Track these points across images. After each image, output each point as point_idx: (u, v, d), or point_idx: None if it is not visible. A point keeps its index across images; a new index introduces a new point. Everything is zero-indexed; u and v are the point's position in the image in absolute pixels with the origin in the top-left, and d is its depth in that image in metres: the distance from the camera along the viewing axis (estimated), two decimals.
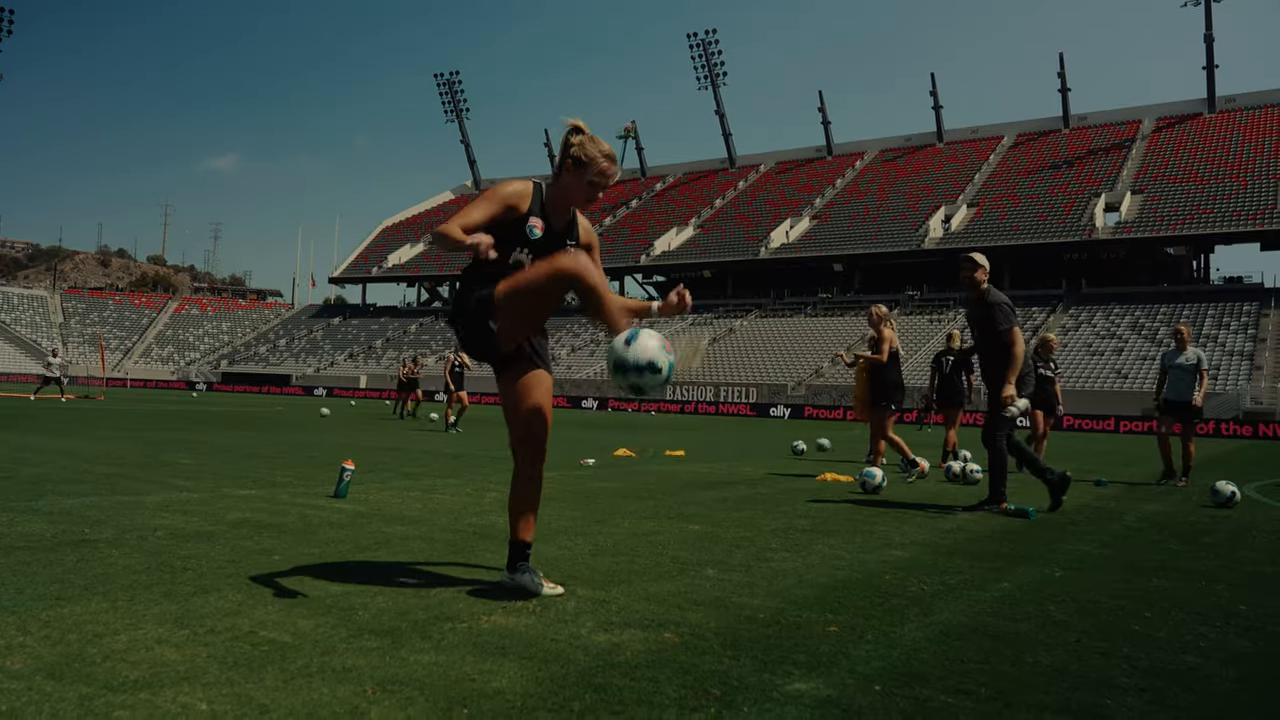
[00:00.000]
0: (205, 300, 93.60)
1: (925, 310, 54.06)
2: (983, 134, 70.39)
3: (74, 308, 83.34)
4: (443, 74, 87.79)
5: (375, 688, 2.18)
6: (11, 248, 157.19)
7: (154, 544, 3.91)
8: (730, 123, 78.22)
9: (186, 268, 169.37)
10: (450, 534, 4.52)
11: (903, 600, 3.39)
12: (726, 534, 4.87)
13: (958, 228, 56.73)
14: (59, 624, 2.60)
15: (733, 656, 2.55)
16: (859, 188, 67.74)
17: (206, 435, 11.99)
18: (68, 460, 7.59)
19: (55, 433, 11.19)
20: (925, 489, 8.05)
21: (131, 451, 8.77)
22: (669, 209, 74.16)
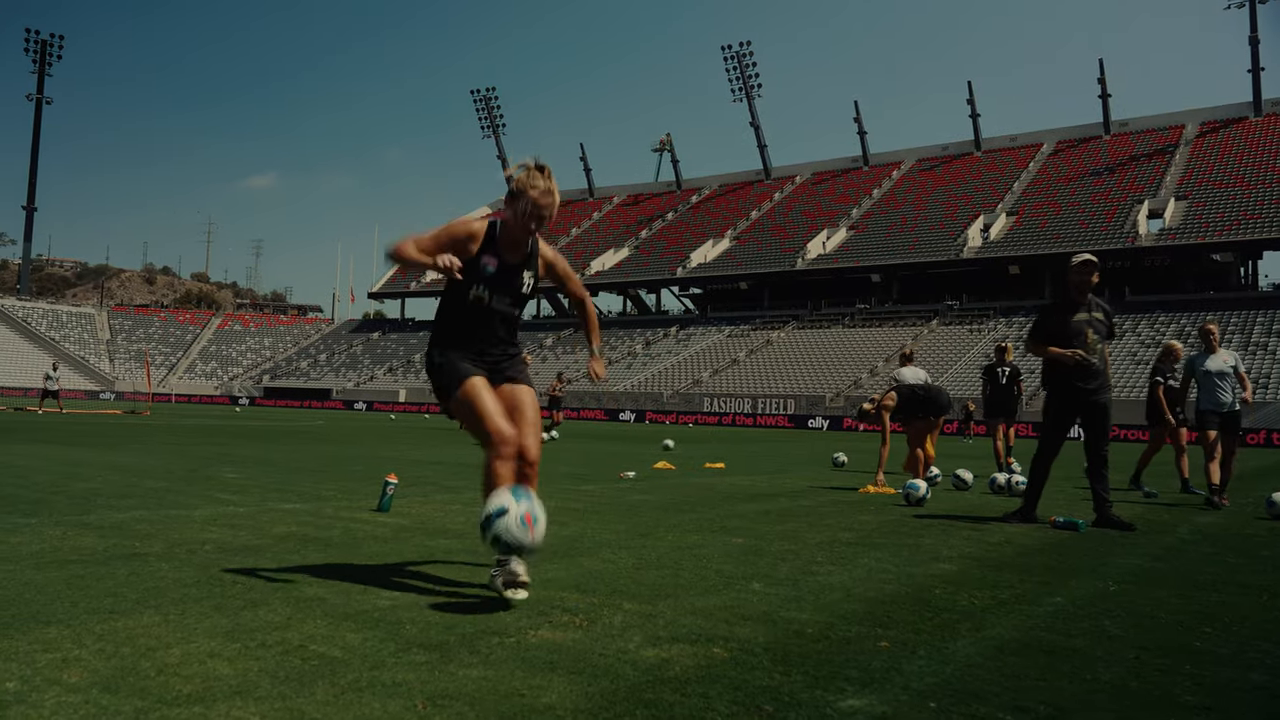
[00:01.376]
0: (247, 316, 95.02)
1: (964, 320, 53.49)
2: (1021, 141, 69.66)
3: (120, 324, 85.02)
4: (479, 90, 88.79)
5: (425, 703, 2.17)
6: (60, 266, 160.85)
7: (203, 558, 3.95)
8: (765, 134, 78.13)
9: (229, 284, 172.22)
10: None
11: (953, 615, 3.33)
12: (771, 547, 4.82)
13: (997, 236, 56.14)
14: (113, 637, 2.63)
15: (783, 672, 2.52)
16: (896, 197, 67.30)
17: (250, 450, 12.14)
18: (117, 475, 7.72)
19: (104, 447, 11.39)
20: (970, 501, 7.94)
21: (178, 466, 8.90)
22: (705, 221, 74.13)
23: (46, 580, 3.37)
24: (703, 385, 51.10)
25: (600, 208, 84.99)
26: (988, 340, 48.82)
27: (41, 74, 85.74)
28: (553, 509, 6.22)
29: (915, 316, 56.33)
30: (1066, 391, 6.51)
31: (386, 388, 62.16)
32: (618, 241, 75.27)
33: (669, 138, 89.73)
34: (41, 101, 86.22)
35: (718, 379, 52.56)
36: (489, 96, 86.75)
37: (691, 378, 52.76)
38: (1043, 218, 56.10)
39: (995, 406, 11.33)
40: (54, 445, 11.52)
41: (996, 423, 11.26)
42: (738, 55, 75.64)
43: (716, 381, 52.06)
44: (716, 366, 54.62)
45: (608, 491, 7.79)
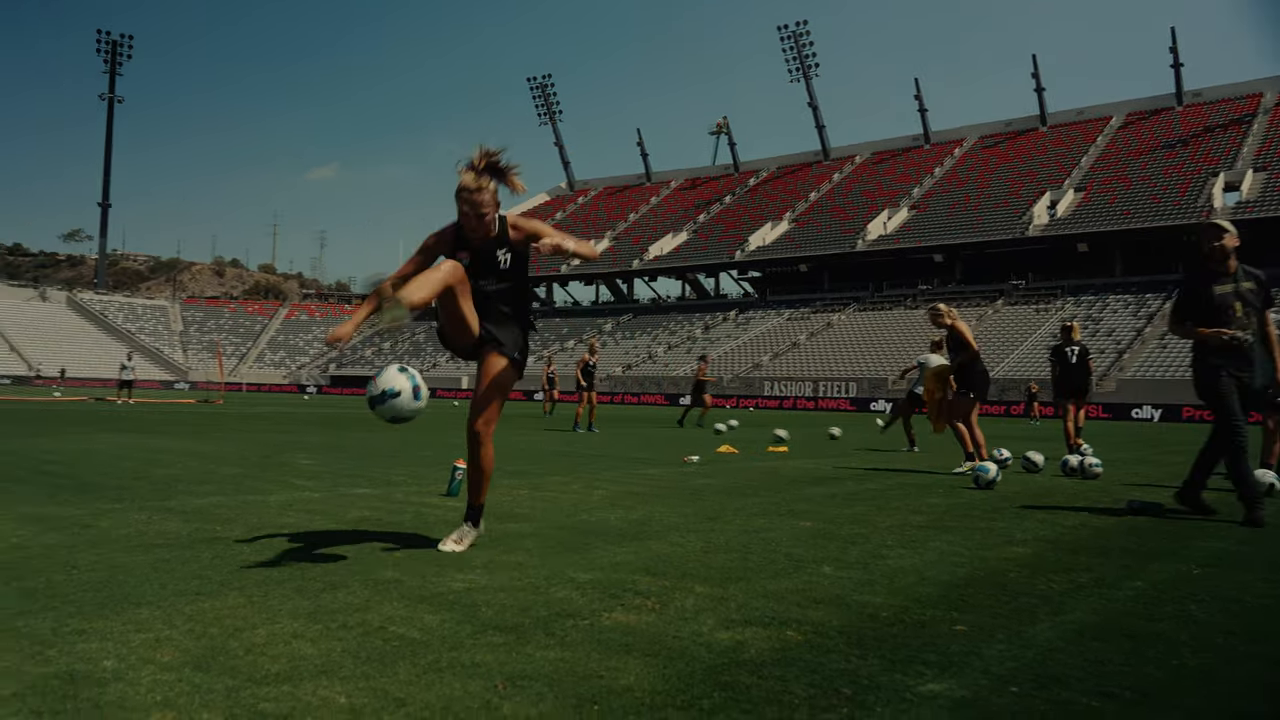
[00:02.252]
0: (313, 306, 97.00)
1: (1031, 300, 52.37)
2: (1089, 115, 67.75)
3: (192, 316, 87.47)
4: (535, 77, 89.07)
5: (505, 683, 2.20)
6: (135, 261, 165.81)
7: (282, 541, 4.05)
8: (823, 114, 77.26)
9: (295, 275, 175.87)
10: (562, 531, 4.56)
11: (1031, 599, 3.27)
12: (840, 531, 4.79)
13: (1064, 213, 54.77)
14: (201, 618, 2.71)
15: (860, 656, 2.50)
16: (958, 175, 66.04)
17: (321, 437, 12.41)
18: (195, 462, 7.95)
19: (181, 436, 11.74)
20: (1041, 483, 7.78)
21: (252, 453, 9.13)
22: (763, 204, 73.61)
23: (135, 563, 3.49)
24: (763, 369, 50.86)
25: (658, 192, 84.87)
26: (1055, 320, 47.72)
27: (113, 74, 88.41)
28: (619, 493, 6.27)
29: (979, 297, 55.30)
30: (1218, 376, 5.63)
31: (449, 374, 63.01)
32: (676, 226, 75.11)
33: (726, 120, 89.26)
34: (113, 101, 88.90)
35: (778, 362, 52.26)
36: (545, 84, 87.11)
37: (751, 361, 52.55)
38: (1112, 193, 54.57)
39: (1065, 387, 11.08)
40: (134, 434, 11.91)
41: (1066, 403, 11.01)
42: (794, 35, 74.78)
43: (777, 365, 51.77)
44: (776, 350, 54.30)
45: (671, 475, 7.80)
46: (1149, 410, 37.03)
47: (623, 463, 9.03)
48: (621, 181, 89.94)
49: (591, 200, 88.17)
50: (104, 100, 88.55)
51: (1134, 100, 66.77)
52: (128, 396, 28.33)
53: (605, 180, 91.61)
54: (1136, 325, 45.12)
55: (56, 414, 17.91)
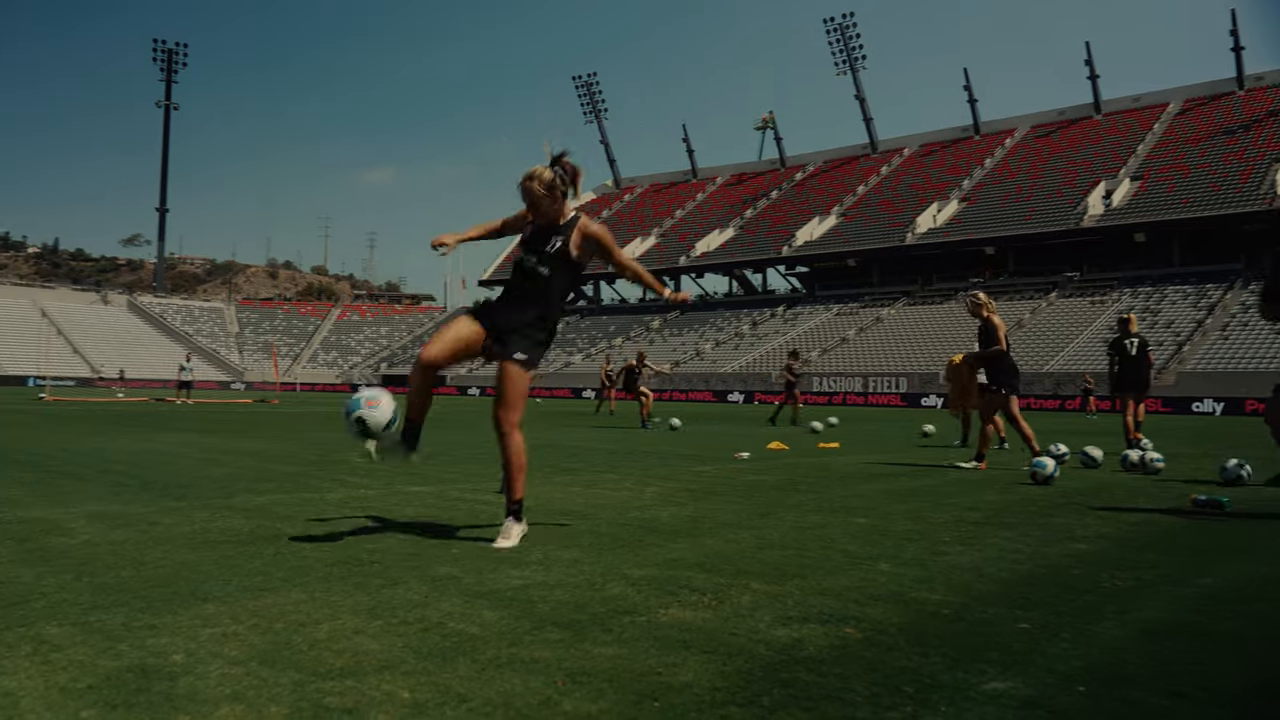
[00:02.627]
0: (364, 307, 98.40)
1: (1086, 292, 51.34)
2: (1145, 102, 66.14)
3: (247, 318, 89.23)
4: (580, 75, 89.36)
5: (564, 679, 2.21)
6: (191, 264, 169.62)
7: (340, 538, 4.11)
8: (870, 107, 76.40)
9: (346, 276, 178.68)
10: (616, 527, 4.57)
11: (1096, 596, 3.21)
12: (895, 527, 4.74)
13: (1120, 203, 53.59)
14: (265, 614, 2.76)
15: (921, 653, 2.47)
16: (1010, 166, 64.93)
17: None
18: (253, 460, 8.10)
19: (239, 435, 11.98)
20: (1101, 479, 7.62)
21: (307, 451, 9.28)
22: (810, 198, 73.07)
23: (200, 560, 3.56)
24: (812, 364, 50.48)
25: (704, 188, 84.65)
26: (1110, 312, 46.72)
27: (169, 82, 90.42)
28: (671, 490, 6.27)
29: (1032, 289, 54.35)
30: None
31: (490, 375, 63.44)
32: (722, 222, 74.88)
33: (771, 115, 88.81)
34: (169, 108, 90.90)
35: (827, 358, 51.86)
36: (590, 82, 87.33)
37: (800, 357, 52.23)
38: (1170, 181, 53.27)
39: (1124, 381, 10.86)
40: (193, 433, 12.18)
41: (1126, 397, 10.80)
42: (840, 27, 74.09)
43: (826, 361, 51.37)
44: (825, 345, 53.89)
45: (723, 472, 7.78)
46: (1210, 404, 36.10)
47: (674, 460, 9.03)
48: (667, 178, 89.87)
49: (638, 198, 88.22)
50: (160, 107, 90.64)
51: (1192, 85, 65.04)
52: (186, 397, 28.95)
53: (651, 177, 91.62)
54: (1197, 316, 44.00)
55: (119, 415, 18.38)
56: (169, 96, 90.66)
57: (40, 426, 13.12)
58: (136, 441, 10.27)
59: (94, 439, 10.55)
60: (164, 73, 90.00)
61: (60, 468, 7.15)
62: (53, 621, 2.63)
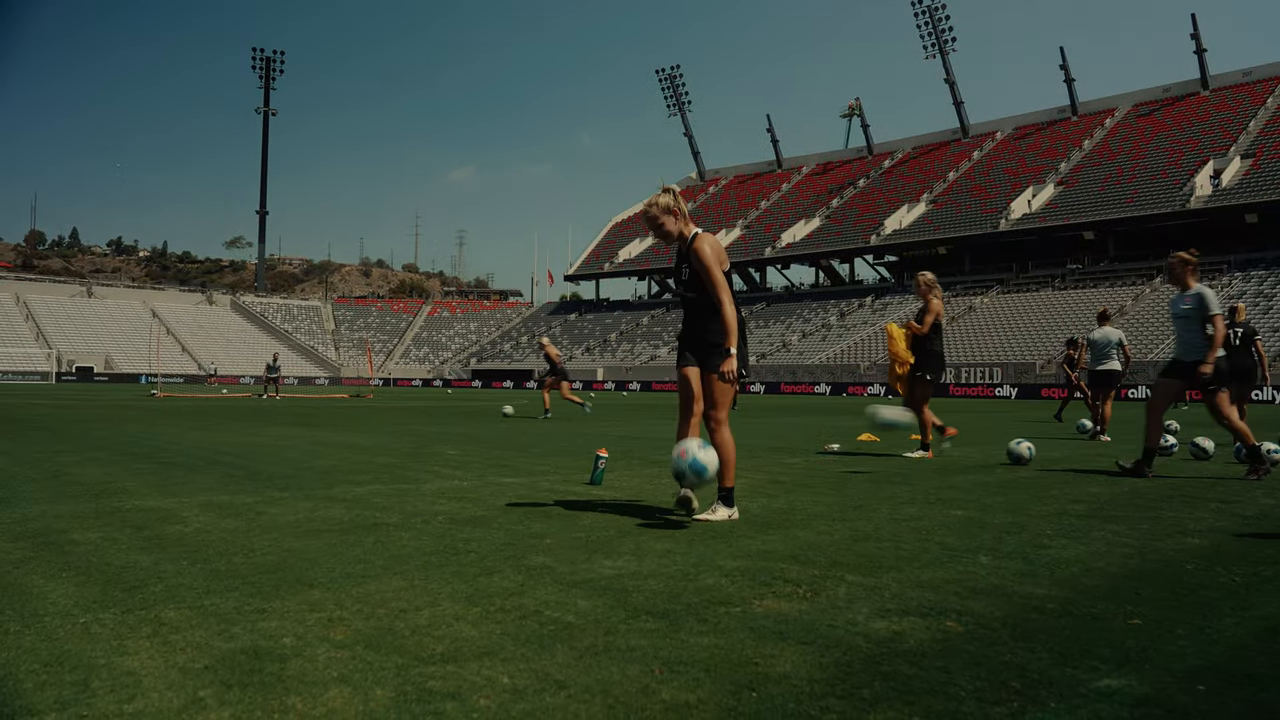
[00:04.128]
0: (454, 303, 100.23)
1: None
2: (1256, 75, 62.81)
3: (343, 315, 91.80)
4: (664, 69, 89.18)
5: (661, 668, 2.21)
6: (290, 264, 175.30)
7: (437, 528, 4.20)
8: (960, 90, 74.41)
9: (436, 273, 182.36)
10: None
11: (1212, 592, 3.07)
12: (994, 519, 4.61)
13: (1230, 183, 51.08)
14: (368, 600, 2.83)
15: (1027, 649, 2.39)
16: (1110, 147, 62.49)
17: (465, 428, 12.81)
18: (351, 453, 8.34)
19: (337, 428, 12.34)
20: (1213, 470, 7.28)
21: (402, 444, 9.51)
22: (898, 185, 71.61)
23: (305, 547, 3.68)
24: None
25: (789, 179, 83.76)
26: (1222, 296, 44.59)
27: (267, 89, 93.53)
28: (761, 481, 6.22)
29: (1135, 275, 52.28)
30: None
31: (585, 367, 64.00)
32: (808, 212, 73.98)
33: (858, 102, 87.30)
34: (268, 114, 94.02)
35: None
36: (674, 75, 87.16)
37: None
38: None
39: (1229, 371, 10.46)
40: (295, 427, 12.59)
41: (1236, 389, 10.39)
42: (929, 10, 72.30)
43: None
44: None
45: (813, 464, 7.69)
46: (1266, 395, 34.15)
47: (762, 452, 8.96)
48: (752, 169, 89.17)
49: (722, 190, 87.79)
50: (259, 114, 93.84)
51: None
52: (274, 392, 30.07)
53: (735, 169, 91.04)
54: None
55: (226, 409, 19.12)
56: (267, 103, 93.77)
57: (153, 421, 13.74)
58: (242, 435, 10.67)
59: (203, 432, 11.00)
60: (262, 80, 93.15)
61: (173, 459, 7.47)
62: (170, 605, 2.75)
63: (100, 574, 3.18)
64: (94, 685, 2.06)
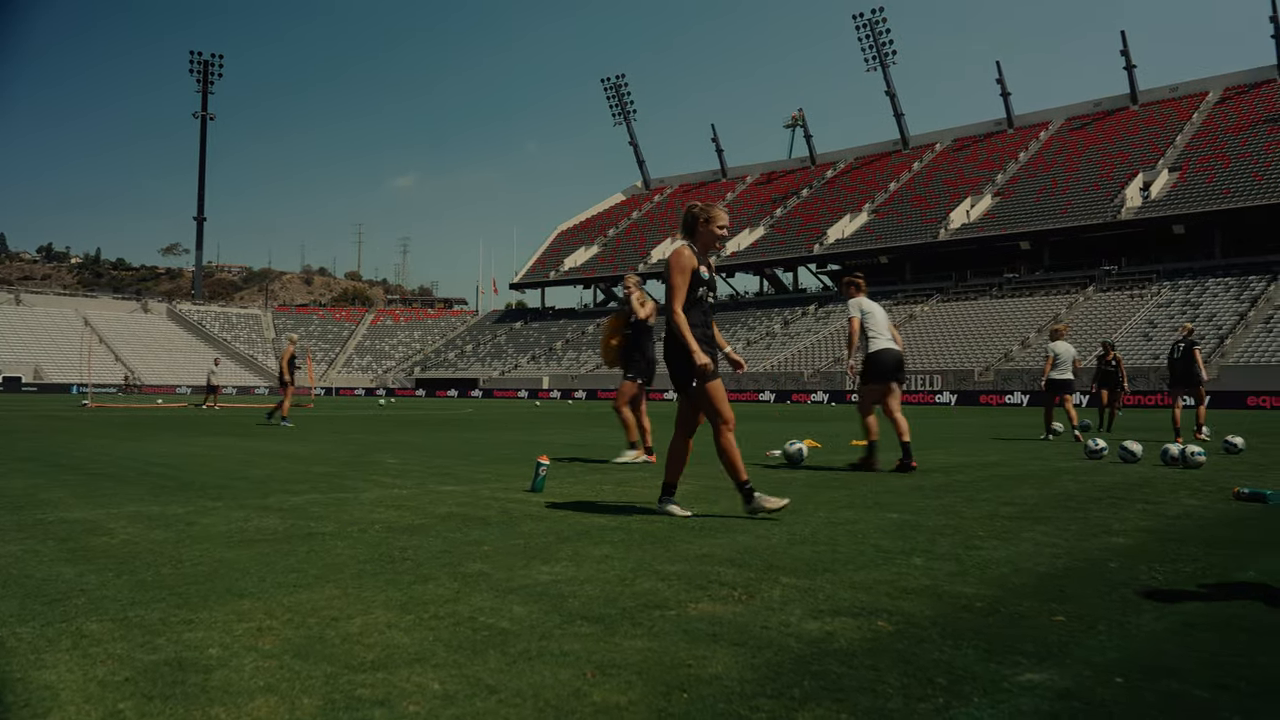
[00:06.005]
0: (398, 311, 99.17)
1: (1124, 286, 50.55)
2: (1183, 91, 64.99)
3: (283, 324, 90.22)
4: (609, 78, 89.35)
5: (594, 671, 2.21)
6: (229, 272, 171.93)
7: (373, 536, 4.15)
8: (901, 102, 75.76)
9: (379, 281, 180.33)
10: (647, 524, 4.57)
11: (1134, 590, 3.16)
12: (928, 522, 4.69)
13: (1159, 195, 52.68)
14: (299, 609, 2.79)
15: (954, 646, 2.44)
16: (1044, 159, 64.08)
17: (407, 437, 12.67)
18: (288, 462, 8.19)
19: (274, 438, 12.12)
20: (1140, 473, 7.49)
21: (341, 453, 9.37)
22: (841, 195, 72.59)
23: (237, 557, 3.61)
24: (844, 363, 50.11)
25: (733, 188, 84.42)
26: (1150, 306, 45.97)
27: (205, 93, 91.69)
28: (701, 488, 6.25)
29: (1069, 284, 53.61)
30: None
31: (530, 375, 63.73)
32: (752, 221, 74.62)
33: (801, 113, 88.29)
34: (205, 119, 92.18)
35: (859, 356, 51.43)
36: (619, 84, 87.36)
37: (833, 356, 51.85)
38: (1210, 172, 52.28)
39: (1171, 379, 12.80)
40: (230, 436, 12.34)
41: (1175, 394, 12.65)
42: (870, 23, 73.49)
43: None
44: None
45: (754, 470, 7.74)
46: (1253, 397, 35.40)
47: (705, 459, 8.99)
48: (697, 178, 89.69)
49: (667, 198, 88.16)
50: (197, 118, 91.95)
51: (1232, 74, 63.80)
52: (213, 402, 28.81)
53: (680, 178, 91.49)
54: (1239, 309, 43.16)
55: (160, 420, 18.66)
56: (205, 108, 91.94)
57: (83, 432, 13.36)
58: (176, 445, 10.42)
59: (135, 443, 10.72)
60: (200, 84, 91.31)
61: (102, 470, 7.27)
62: (93, 617, 2.68)
63: (19, 587, 3.09)
64: (8, 700, 2.00)
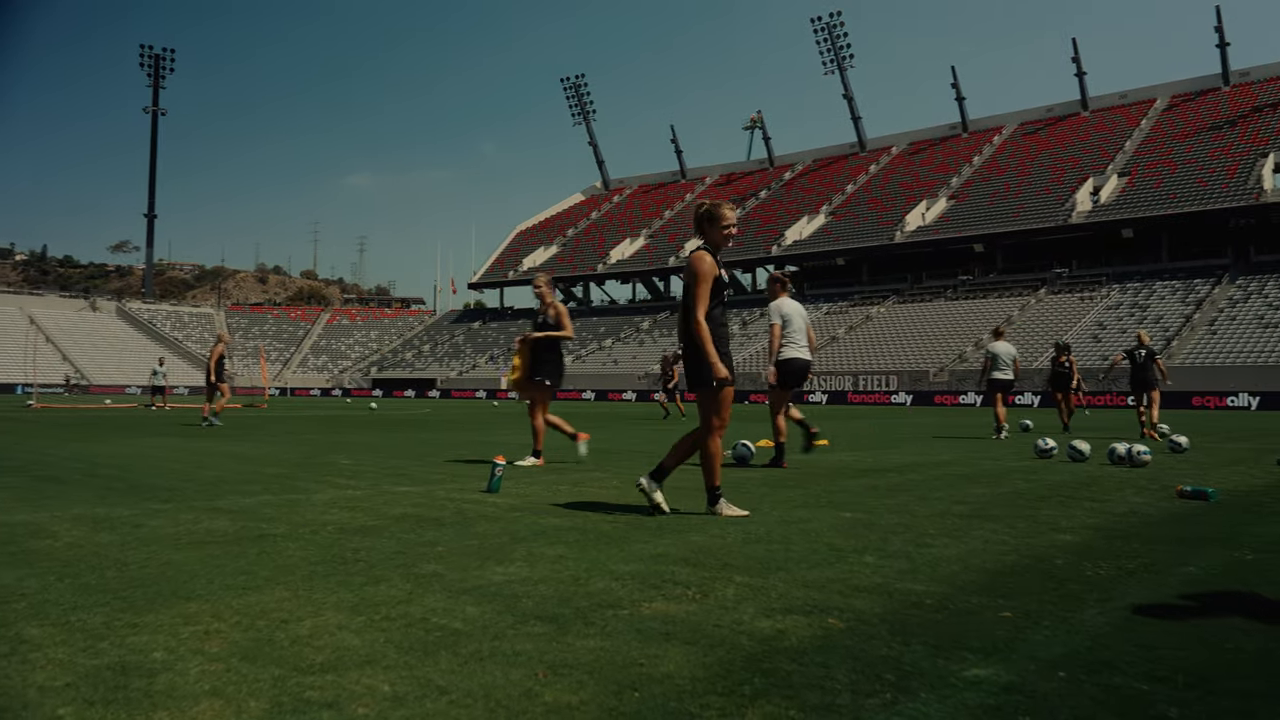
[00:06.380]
0: (354, 311, 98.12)
1: (1075, 288, 51.49)
2: (1132, 98, 66.41)
3: (237, 323, 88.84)
4: (568, 78, 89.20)
5: (546, 671, 2.21)
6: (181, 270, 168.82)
7: (326, 538, 4.10)
8: (859, 106, 76.54)
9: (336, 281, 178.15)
10: (603, 524, 4.57)
11: (1079, 585, 3.22)
12: (881, 521, 4.75)
13: (1108, 199, 53.75)
14: (248, 611, 2.75)
15: (903, 642, 2.48)
16: (998, 164, 65.09)
17: (362, 438, 12.55)
18: (240, 464, 8.07)
19: (227, 439, 11.94)
20: (1088, 472, 7.64)
21: (295, 454, 9.25)
22: (799, 197, 73.14)
23: (185, 560, 3.55)
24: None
25: (693, 189, 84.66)
26: (1101, 308, 46.88)
27: (156, 87, 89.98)
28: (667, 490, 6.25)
29: (1021, 286, 54.50)
30: None
31: (488, 375, 63.39)
32: None
33: (760, 115, 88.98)
34: (156, 114, 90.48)
35: (817, 356, 51.85)
36: (578, 84, 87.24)
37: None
38: (1157, 177, 53.46)
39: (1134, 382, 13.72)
40: (181, 438, 12.13)
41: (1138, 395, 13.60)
42: (828, 27, 74.17)
43: (816, 359, 51.36)
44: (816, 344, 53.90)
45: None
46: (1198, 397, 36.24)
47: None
48: (656, 179, 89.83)
49: (626, 199, 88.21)
50: (148, 113, 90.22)
51: (1178, 81, 65.33)
52: (161, 402, 28.01)
53: (640, 178, 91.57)
54: (1185, 312, 44.18)
55: (109, 420, 18.29)
56: (156, 102, 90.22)
57: (28, 433, 13.05)
58: (124, 446, 10.22)
59: (82, 444, 10.50)
60: (151, 78, 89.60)
61: (46, 472, 7.11)
62: (33, 622, 2.62)
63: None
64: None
